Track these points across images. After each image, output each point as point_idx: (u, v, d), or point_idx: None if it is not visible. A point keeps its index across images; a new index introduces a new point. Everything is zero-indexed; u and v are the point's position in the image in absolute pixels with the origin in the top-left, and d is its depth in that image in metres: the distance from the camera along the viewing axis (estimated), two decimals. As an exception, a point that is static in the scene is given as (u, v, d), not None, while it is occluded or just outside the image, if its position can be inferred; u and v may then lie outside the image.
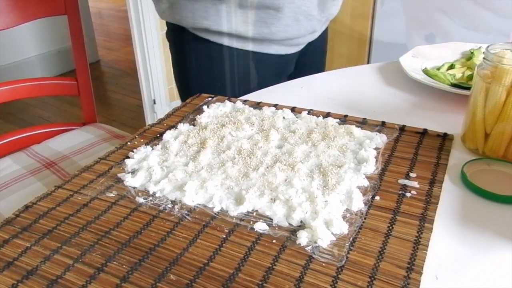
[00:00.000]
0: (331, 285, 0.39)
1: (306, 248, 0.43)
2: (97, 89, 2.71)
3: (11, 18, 0.96)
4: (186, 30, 0.90)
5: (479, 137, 0.59)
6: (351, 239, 0.44)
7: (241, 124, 0.64)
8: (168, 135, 0.64)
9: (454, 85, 0.77)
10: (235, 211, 0.48)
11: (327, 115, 0.69)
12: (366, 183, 0.53)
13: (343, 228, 0.45)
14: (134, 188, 0.53)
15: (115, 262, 0.42)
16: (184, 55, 0.95)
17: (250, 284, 0.40)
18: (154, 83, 2.29)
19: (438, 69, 0.84)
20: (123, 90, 2.88)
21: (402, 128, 0.65)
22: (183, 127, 0.66)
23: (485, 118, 0.58)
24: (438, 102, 0.75)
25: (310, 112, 0.69)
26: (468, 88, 0.62)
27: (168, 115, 0.72)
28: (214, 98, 0.76)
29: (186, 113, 0.72)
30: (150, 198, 0.51)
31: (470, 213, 0.50)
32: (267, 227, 0.46)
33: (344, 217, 0.47)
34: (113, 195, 0.52)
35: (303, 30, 0.90)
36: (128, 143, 0.64)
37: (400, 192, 0.51)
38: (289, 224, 0.46)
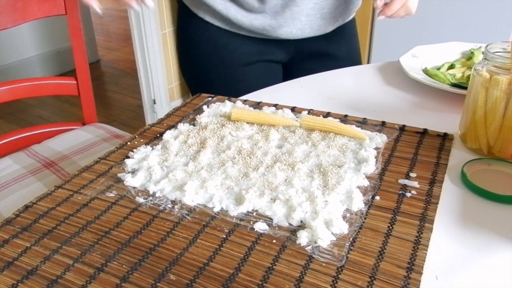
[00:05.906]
0: (331, 285, 0.39)
1: (306, 248, 0.43)
2: (97, 89, 2.71)
3: (11, 18, 0.96)
4: None
5: (482, 136, 0.59)
6: (351, 239, 0.44)
7: (241, 124, 0.64)
8: (168, 135, 0.64)
9: (454, 85, 0.77)
10: (235, 211, 0.48)
11: (327, 115, 0.69)
12: (366, 183, 0.52)
13: (343, 228, 0.45)
14: (134, 188, 0.53)
15: (115, 262, 0.42)
16: None
17: (250, 284, 0.40)
18: (154, 83, 2.29)
19: (438, 69, 0.84)
20: (123, 90, 2.88)
21: (402, 128, 0.65)
22: (183, 127, 0.66)
23: (486, 117, 0.58)
24: (438, 102, 0.75)
25: (310, 112, 0.69)
26: (468, 88, 0.62)
27: (168, 115, 0.72)
28: (214, 98, 0.76)
29: (186, 113, 0.72)
30: (150, 198, 0.51)
31: (470, 213, 0.50)
32: (267, 227, 0.46)
33: (344, 217, 0.47)
34: (113, 195, 0.52)
35: None
36: (128, 143, 0.64)
37: (400, 192, 0.51)
38: (289, 224, 0.46)
